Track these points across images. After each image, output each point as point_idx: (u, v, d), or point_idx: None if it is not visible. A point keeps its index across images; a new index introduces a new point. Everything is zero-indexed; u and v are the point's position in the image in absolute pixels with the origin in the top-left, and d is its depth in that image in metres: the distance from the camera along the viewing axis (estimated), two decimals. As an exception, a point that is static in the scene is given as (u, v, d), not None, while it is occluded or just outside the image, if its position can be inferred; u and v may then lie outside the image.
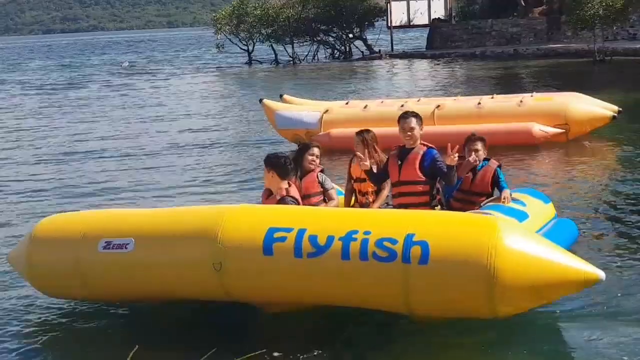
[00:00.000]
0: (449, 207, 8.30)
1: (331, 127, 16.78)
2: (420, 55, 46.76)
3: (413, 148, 8.11)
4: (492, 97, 16.58)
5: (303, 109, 17.57)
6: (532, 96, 16.22)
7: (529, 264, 6.18)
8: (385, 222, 6.59)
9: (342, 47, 51.03)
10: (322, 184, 8.45)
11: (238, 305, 7.14)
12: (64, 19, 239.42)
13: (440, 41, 48.03)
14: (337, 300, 6.67)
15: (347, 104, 17.71)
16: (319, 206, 8.25)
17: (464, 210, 7.95)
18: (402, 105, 16.62)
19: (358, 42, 50.84)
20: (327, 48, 51.49)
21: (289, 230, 6.58)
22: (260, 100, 18.15)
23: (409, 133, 8.10)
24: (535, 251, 6.26)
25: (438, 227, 6.43)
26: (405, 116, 8.18)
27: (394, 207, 8.12)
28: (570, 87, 20.45)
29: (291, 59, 49.24)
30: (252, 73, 44.09)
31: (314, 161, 8.48)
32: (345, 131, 16.32)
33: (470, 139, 8.50)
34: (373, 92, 28.50)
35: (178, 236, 6.88)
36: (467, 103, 16.46)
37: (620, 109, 16.42)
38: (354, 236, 6.40)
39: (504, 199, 8.08)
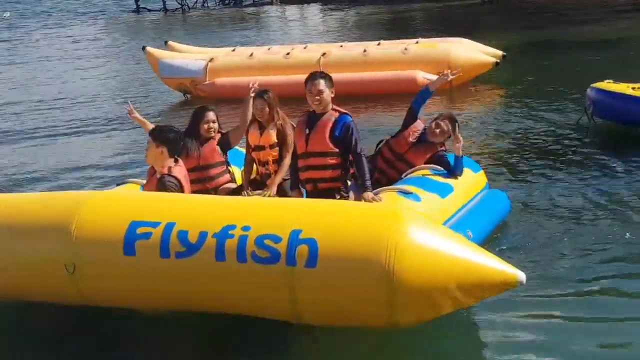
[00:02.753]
0: (374, 165, 7.54)
1: (217, 76, 16.51)
2: (312, 0, 46.34)
3: (323, 114, 7.06)
4: (379, 44, 16.62)
5: (188, 56, 17.17)
6: (417, 43, 16.29)
7: (436, 264, 5.31)
8: (267, 214, 5.67)
9: (233, -7, 50.17)
10: (225, 143, 7.77)
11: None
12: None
13: (331, -15, 47.61)
14: (213, 307, 5.81)
15: (233, 51, 17.40)
16: (222, 177, 7.65)
17: (387, 176, 7.45)
18: (287, 53, 16.52)
19: (249, -12, 50.06)
20: (217, -6, 50.56)
21: (155, 224, 5.61)
22: (144, 48, 17.67)
23: (317, 97, 6.99)
24: (444, 249, 5.38)
25: (329, 220, 5.52)
26: (312, 77, 7.06)
27: (302, 181, 7.22)
28: (458, 30, 20.56)
29: (180, 6, 48.20)
30: (139, 21, 42.98)
31: (211, 128, 7.69)
32: (231, 80, 16.18)
33: (442, 116, 7.68)
34: (263, 40, 28.09)
35: (27, 230, 5.95)
36: (353, 50, 16.46)
37: (505, 53, 16.62)
38: (230, 232, 5.48)
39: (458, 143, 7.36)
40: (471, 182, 7.62)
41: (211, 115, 7.75)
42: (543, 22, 27.84)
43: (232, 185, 7.76)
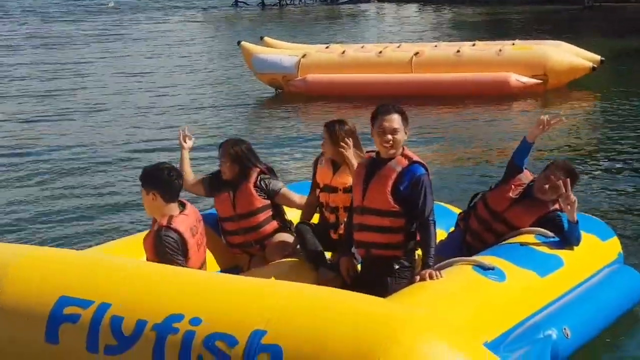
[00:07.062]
0: (467, 225, 6.15)
1: (308, 72, 16.51)
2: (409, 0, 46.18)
3: (390, 160, 5.32)
4: (474, 45, 16.38)
5: (281, 52, 17.27)
6: (513, 44, 16.01)
7: None
8: (226, 303, 4.21)
9: (330, -10, 50.34)
10: (265, 192, 6.04)
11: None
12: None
13: (429, -15, 47.34)
14: None
15: (327, 48, 17.42)
16: (268, 224, 6.06)
17: (482, 240, 6.00)
18: (380, 52, 16.43)
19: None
20: (315, -10, 50.80)
21: (86, 303, 4.30)
22: (239, 43, 17.84)
23: (389, 136, 5.24)
24: None
25: (304, 320, 3.98)
26: (384, 111, 5.29)
27: (355, 243, 5.52)
28: (557, 33, 20.18)
29: (278, 1, 48.57)
30: (237, 16, 43.49)
31: None
32: (322, 76, 16.22)
33: (554, 166, 5.93)
34: (358, 37, 28.08)
35: None
36: (446, 50, 16.28)
37: (603, 58, 16.20)
38: (174, 325, 4.11)
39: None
40: (594, 253, 5.77)
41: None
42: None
43: (285, 236, 6.10)
